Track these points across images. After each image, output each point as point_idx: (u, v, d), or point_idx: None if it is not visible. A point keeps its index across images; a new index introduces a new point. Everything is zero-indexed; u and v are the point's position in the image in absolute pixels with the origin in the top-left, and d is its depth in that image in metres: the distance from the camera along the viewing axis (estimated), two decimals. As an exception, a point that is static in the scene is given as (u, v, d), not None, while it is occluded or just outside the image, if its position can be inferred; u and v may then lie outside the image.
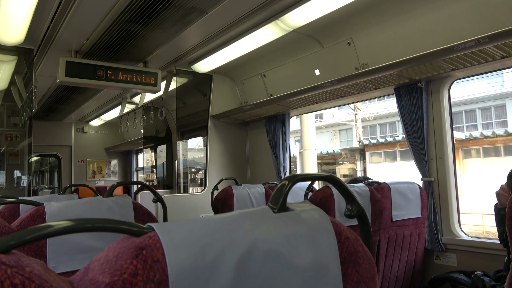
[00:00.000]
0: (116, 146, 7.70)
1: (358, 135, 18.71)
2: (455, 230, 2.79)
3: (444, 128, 2.83)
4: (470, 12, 2.43)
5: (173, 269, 0.55)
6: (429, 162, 2.87)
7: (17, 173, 4.69)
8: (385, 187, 2.64)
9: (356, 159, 16.40)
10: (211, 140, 4.39)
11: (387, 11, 2.79)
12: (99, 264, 0.56)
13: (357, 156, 16.42)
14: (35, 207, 1.47)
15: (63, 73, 3.25)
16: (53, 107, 6.13)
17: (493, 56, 2.31)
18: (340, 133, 22.32)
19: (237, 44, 3.33)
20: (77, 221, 0.56)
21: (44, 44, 3.36)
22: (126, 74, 3.55)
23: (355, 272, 0.71)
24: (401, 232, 2.68)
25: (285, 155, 4.14)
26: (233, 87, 4.56)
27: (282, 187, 0.74)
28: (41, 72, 4.10)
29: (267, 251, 0.63)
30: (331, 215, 2.18)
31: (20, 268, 0.46)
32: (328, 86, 3.07)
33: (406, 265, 2.75)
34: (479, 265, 2.55)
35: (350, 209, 0.84)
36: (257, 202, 3.25)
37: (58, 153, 7.31)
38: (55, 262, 1.39)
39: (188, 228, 0.60)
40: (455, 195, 2.84)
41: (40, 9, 2.70)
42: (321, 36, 3.29)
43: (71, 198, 2.38)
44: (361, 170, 16.28)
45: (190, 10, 2.77)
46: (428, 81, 2.86)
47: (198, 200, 4.04)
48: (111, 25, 2.99)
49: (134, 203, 1.67)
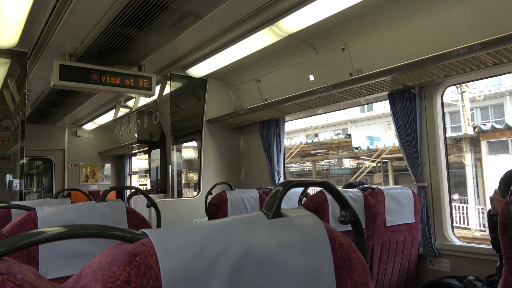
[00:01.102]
0: (110, 150, 7.65)
1: (466, 119, 14.14)
2: (448, 236, 2.81)
3: (437, 133, 2.85)
4: (463, 19, 2.46)
5: (167, 276, 0.55)
6: (422, 167, 2.89)
7: (8, 177, 4.64)
8: (378, 192, 2.65)
9: (465, 151, 12.59)
10: (205, 145, 4.38)
11: (381, 18, 2.81)
12: (91, 270, 0.55)
13: (466, 147, 12.56)
14: (26, 212, 1.45)
15: (56, 76, 3.23)
16: (46, 111, 6.09)
17: (485, 63, 2.34)
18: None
19: (232, 49, 3.34)
20: (69, 227, 0.56)
21: (38, 47, 3.34)
22: (120, 78, 3.54)
23: (349, 278, 0.71)
24: (395, 238, 2.69)
25: (279, 160, 4.14)
26: (227, 92, 4.56)
27: (276, 193, 0.74)
28: (35, 75, 4.07)
29: (261, 257, 0.63)
30: (325, 220, 2.18)
31: (11, 275, 0.46)
32: (323, 92, 3.08)
33: (400, 270, 2.76)
34: (471, 270, 2.56)
35: (344, 215, 0.85)
36: (251, 207, 3.25)
37: (51, 157, 7.26)
38: (46, 268, 1.37)
39: (182, 235, 0.60)
40: (448, 201, 2.86)
41: (34, 12, 2.69)
42: (316, 42, 3.31)
43: (63, 202, 2.36)
44: (473, 165, 12.53)
45: (185, 15, 2.78)
46: (422, 87, 2.88)
47: (192, 205, 4.03)
48: (106, 28, 2.98)
49: (127, 208, 1.66)
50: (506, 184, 1.94)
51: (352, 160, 17.32)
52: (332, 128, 21.32)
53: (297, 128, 21.28)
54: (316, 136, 19.34)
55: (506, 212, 1.40)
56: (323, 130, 20.96)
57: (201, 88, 4.43)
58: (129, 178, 8.12)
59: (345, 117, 21.04)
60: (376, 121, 19.92)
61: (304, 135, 20.78)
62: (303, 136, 20.59)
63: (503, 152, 11.80)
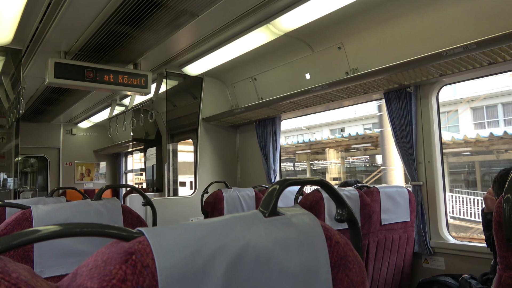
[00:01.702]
0: (105, 149, 7.62)
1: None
2: (443, 234, 2.82)
3: (433, 132, 2.87)
4: (458, 19, 2.47)
5: (163, 275, 0.55)
6: (417, 166, 2.90)
7: (3, 175, 4.61)
8: (374, 191, 2.66)
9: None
10: (201, 143, 4.38)
11: (377, 17, 2.82)
12: (87, 269, 0.55)
13: None
14: (21, 210, 1.44)
15: (51, 74, 3.21)
16: (41, 109, 6.05)
17: (481, 62, 2.35)
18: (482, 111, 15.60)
19: (228, 47, 3.33)
20: (65, 225, 0.55)
21: (32, 44, 3.32)
22: (116, 76, 3.52)
23: (345, 277, 0.71)
24: (390, 236, 2.70)
25: (275, 158, 4.14)
26: (223, 90, 4.56)
27: (273, 191, 0.74)
28: (29, 73, 4.05)
29: (257, 256, 0.63)
30: (321, 219, 2.19)
31: (6, 274, 0.45)
32: (319, 90, 3.09)
33: (395, 269, 2.77)
34: (466, 268, 2.58)
35: (340, 213, 0.85)
36: (247, 206, 3.25)
37: (46, 155, 7.22)
38: (41, 267, 1.36)
39: (178, 233, 0.60)
40: (443, 199, 2.87)
41: (29, 9, 2.67)
42: (312, 41, 3.31)
43: (58, 201, 2.35)
44: None
45: (181, 13, 2.77)
46: (417, 86, 2.89)
47: (187, 204, 4.02)
48: (101, 26, 2.97)
49: (123, 206, 1.65)
50: (499, 183, 1.96)
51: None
52: (360, 122, 19.38)
53: (319, 123, 19.74)
54: (342, 131, 18.20)
55: (500, 210, 1.42)
56: (351, 124, 19.21)
57: (197, 86, 4.42)
58: (125, 177, 8.10)
59: (375, 110, 19.28)
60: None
61: (328, 130, 19.76)
62: (327, 131, 19.59)
63: None
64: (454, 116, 15.87)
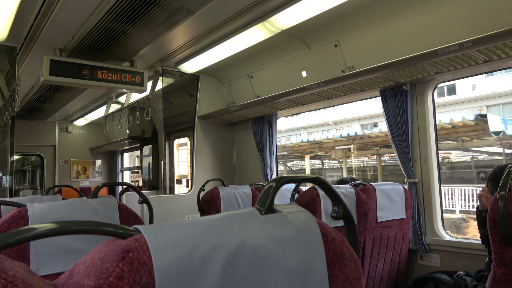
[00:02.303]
0: (101, 146, 7.59)
1: None
2: (439, 231, 2.84)
3: (428, 130, 2.88)
4: (454, 17, 2.48)
5: (160, 272, 0.55)
6: (413, 163, 2.92)
7: (-2, 173, 4.58)
8: (370, 188, 2.67)
9: None
10: (197, 141, 4.37)
11: (374, 15, 2.82)
12: (84, 267, 0.55)
13: None
14: (17, 208, 1.44)
15: (47, 71, 3.19)
16: (36, 106, 6.02)
17: (476, 60, 2.36)
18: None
19: (224, 45, 3.33)
20: (61, 223, 0.55)
21: (27, 42, 3.30)
22: (111, 74, 3.50)
23: (341, 274, 0.72)
24: (386, 233, 2.72)
25: (272, 156, 4.15)
26: (220, 88, 4.55)
27: (269, 189, 0.74)
28: (24, 70, 4.02)
29: (254, 253, 0.63)
30: (317, 216, 2.19)
31: (2, 272, 0.45)
32: (315, 88, 3.09)
33: (391, 266, 2.79)
34: (461, 265, 2.59)
35: (336, 210, 0.85)
36: (243, 203, 3.25)
37: (41, 153, 7.18)
38: (38, 265, 1.36)
39: (175, 230, 0.60)
40: (439, 197, 2.89)
41: (24, 6, 2.65)
42: (308, 38, 3.31)
43: (54, 199, 2.33)
44: None
45: (177, 10, 2.76)
46: (413, 84, 2.90)
47: (184, 201, 4.02)
48: (97, 23, 2.95)
49: (119, 204, 1.65)
50: (494, 181, 1.97)
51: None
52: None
53: (350, 117, 18.43)
54: (375, 126, 17.16)
55: (495, 207, 1.43)
56: (382, 119, 18.49)
57: (194, 84, 4.41)
58: (121, 174, 8.08)
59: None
60: (461, 107, 16.32)
61: (358, 125, 18.60)
62: (357, 126, 18.37)
63: None
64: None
